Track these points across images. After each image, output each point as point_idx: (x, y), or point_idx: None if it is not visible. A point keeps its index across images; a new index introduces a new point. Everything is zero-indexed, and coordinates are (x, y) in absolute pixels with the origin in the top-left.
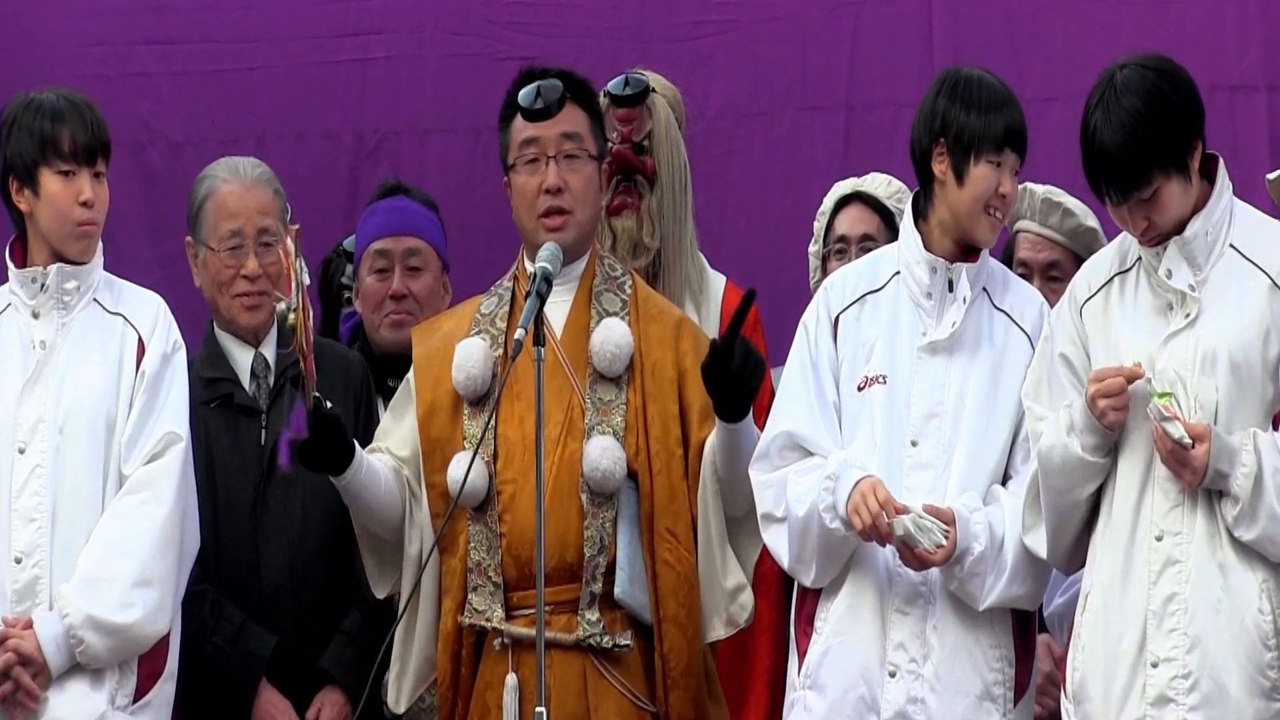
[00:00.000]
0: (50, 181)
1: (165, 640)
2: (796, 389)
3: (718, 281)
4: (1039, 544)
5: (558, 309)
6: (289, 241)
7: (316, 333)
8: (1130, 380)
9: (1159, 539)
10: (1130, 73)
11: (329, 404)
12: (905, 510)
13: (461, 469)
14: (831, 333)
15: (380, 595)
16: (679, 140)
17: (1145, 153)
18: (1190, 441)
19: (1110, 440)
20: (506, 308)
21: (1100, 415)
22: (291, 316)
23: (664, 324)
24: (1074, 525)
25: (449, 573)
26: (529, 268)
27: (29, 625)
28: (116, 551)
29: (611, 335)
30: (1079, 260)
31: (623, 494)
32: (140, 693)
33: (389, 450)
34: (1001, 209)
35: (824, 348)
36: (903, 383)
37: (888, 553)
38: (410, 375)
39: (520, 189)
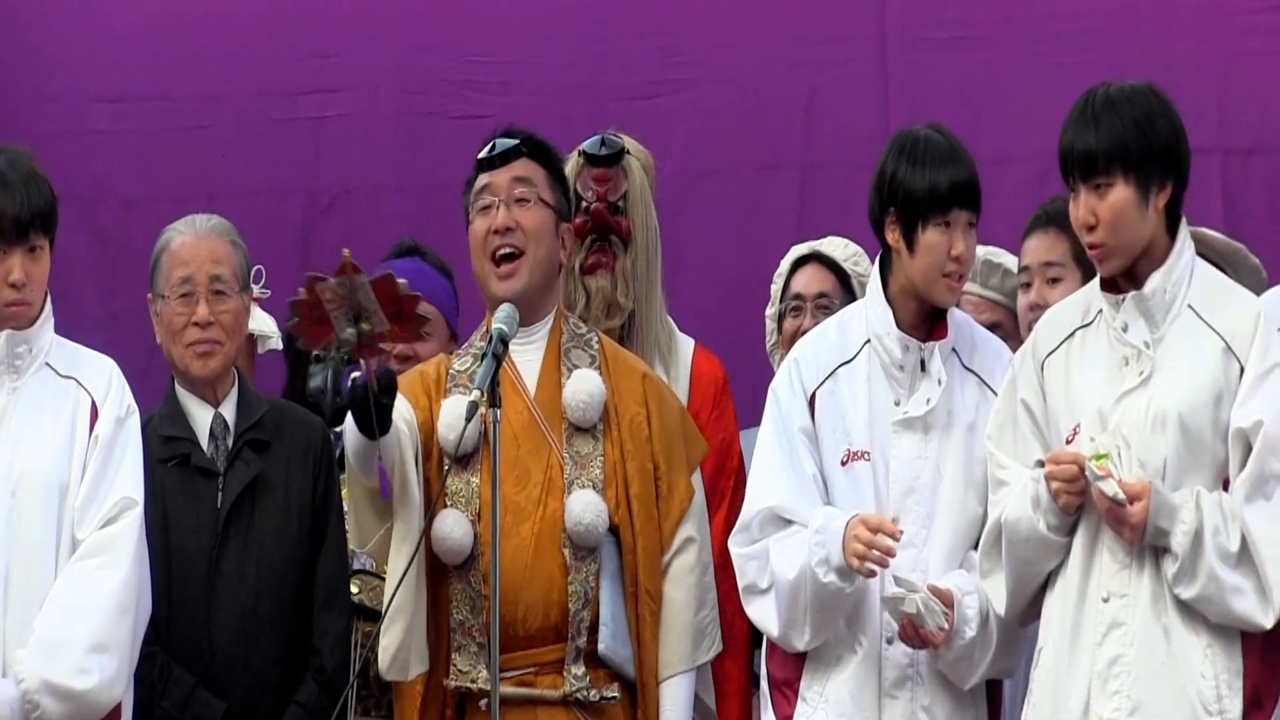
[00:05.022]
0: None
1: (118, 708)
2: (775, 461)
3: (686, 345)
4: (996, 591)
5: (529, 367)
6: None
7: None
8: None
9: (1105, 600)
10: (1137, 83)
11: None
12: (891, 553)
13: (448, 526)
14: (808, 409)
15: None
16: (651, 204)
17: (1117, 143)
18: (1124, 498)
19: (1069, 521)
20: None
21: (1054, 495)
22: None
23: (633, 379)
24: (1033, 589)
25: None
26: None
27: None
28: (73, 616)
29: (584, 385)
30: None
31: (604, 548)
32: None
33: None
34: (958, 270)
35: (800, 422)
36: (879, 458)
37: (879, 633)
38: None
39: (473, 235)
